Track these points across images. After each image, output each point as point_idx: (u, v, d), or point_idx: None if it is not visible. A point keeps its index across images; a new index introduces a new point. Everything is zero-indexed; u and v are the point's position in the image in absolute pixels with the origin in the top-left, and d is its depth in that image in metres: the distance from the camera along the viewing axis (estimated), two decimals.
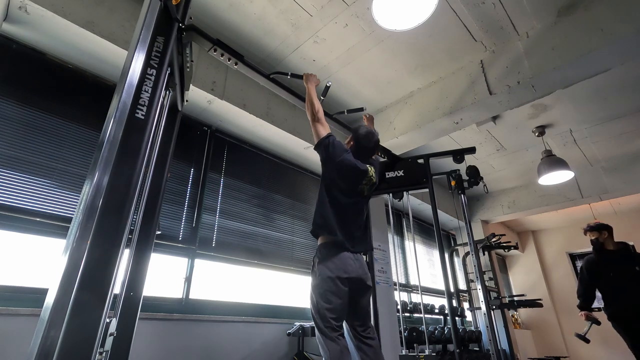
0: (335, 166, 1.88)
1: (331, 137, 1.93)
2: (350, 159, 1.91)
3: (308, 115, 2.04)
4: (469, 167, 3.33)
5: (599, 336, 6.17)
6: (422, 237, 5.61)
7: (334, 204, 1.85)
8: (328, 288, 1.70)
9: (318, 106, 2.03)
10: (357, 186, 1.90)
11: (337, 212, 1.84)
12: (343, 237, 1.79)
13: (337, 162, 1.87)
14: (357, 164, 1.90)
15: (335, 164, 1.88)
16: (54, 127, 2.21)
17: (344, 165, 1.88)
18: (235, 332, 2.60)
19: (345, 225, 1.83)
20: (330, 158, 1.89)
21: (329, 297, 1.70)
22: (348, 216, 1.86)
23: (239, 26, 2.70)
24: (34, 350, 0.78)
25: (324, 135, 1.94)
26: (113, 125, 1.02)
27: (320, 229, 1.85)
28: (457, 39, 2.85)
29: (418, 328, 3.69)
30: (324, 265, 1.74)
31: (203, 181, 2.92)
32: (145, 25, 1.20)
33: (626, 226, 6.41)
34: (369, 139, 2.00)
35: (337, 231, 1.79)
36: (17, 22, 2.07)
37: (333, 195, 1.87)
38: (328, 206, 1.85)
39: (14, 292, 1.84)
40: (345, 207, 1.86)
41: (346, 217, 1.85)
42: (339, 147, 1.92)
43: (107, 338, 1.01)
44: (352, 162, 1.89)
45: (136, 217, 1.47)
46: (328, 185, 1.90)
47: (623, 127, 4.05)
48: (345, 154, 1.92)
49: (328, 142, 1.91)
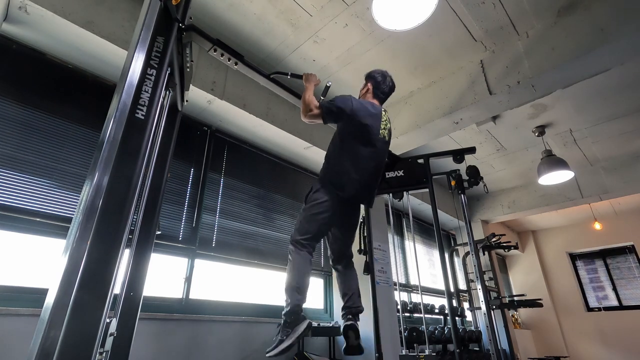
0: (347, 114, 1.86)
1: (325, 102, 1.93)
2: (362, 102, 1.92)
3: (302, 112, 1.98)
4: (469, 167, 3.33)
5: (599, 336, 6.19)
6: (422, 237, 5.61)
7: (349, 156, 1.87)
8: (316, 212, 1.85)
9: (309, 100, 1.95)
10: (377, 131, 1.91)
11: (351, 164, 1.85)
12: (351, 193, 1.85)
13: (348, 109, 1.86)
14: (369, 106, 1.91)
15: (347, 112, 1.86)
16: (54, 127, 2.21)
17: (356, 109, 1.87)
18: (235, 332, 2.60)
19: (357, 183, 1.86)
20: (343, 109, 1.87)
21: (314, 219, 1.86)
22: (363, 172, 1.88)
23: (239, 26, 2.70)
24: (34, 350, 0.78)
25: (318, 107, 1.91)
26: (113, 126, 1.02)
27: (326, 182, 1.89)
28: (457, 39, 2.85)
29: (418, 328, 3.69)
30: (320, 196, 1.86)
31: (203, 181, 2.92)
32: (145, 25, 1.20)
33: (626, 226, 6.42)
34: (385, 76, 2.08)
35: (348, 189, 1.84)
36: (17, 22, 2.07)
37: (347, 146, 1.88)
38: (342, 158, 1.87)
39: (14, 292, 1.85)
40: (360, 160, 1.87)
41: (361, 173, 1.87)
42: (340, 100, 1.91)
43: (107, 338, 1.01)
44: (361, 104, 1.90)
45: (136, 217, 1.47)
46: (340, 136, 1.91)
47: (623, 127, 4.05)
48: (352, 100, 1.90)
49: (329, 106, 1.90)
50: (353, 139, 1.89)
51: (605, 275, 6.59)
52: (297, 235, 1.89)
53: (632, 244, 6.35)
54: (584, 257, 6.93)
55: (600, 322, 6.26)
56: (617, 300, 6.34)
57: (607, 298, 6.47)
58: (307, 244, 1.86)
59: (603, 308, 6.42)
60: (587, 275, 6.81)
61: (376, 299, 2.88)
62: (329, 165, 1.94)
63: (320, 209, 1.86)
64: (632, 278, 6.32)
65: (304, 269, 1.82)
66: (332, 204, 1.85)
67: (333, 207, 1.86)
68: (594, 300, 6.59)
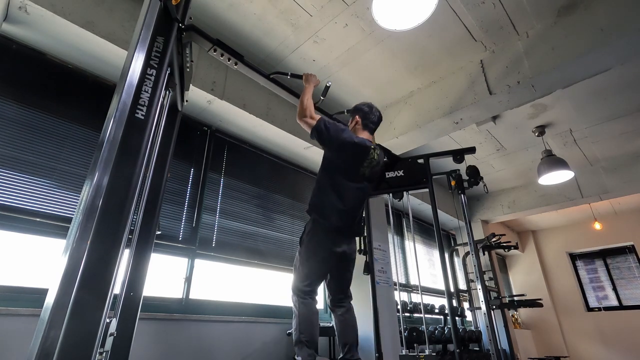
0: (338, 143, 1.86)
1: (322, 120, 1.91)
2: (352, 135, 1.91)
3: (298, 114, 1.98)
4: (469, 167, 3.33)
5: (599, 336, 6.19)
6: (422, 237, 5.61)
7: (333, 186, 1.86)
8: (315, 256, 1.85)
9: (307, 105, 1.96)
10: (358, 167, 1.89)
11: (337, 196, 1.85)
12: (337, 224, 1.85)
13: (340, 138, 1.86)
14: (356, 139, 1.89)
15: (337, 140, 1.86)
16: (54, 127, 2.21)
17: (346, 141, 1.87)
18: (235, 332, 2.60)
19: (342, 213, 1.85)
20: (328, 137, 1.87)
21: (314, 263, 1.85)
22: (346, 203, 1.86)
23: (239, 26, 2.70)
24: (34, 350, 0.78)
25: (317, 119, 1.91)
26: (113, 125, 1.02)
27: (314, 210, 1.90)
28: (457, 39, 2.85)
29: (418, 328, 3.69)
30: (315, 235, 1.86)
31: (203, 181, 2.92)
32: (145, 25, 1.20)
33: (626, 226, 6.42)
34: (372, 108, 2.07)
35: (332, 219, 1.84)
36: (17, 22, 2.07)
37: (333, 177, 1.87)
38: (328, 189, 1.86)
39: (14, 292, 1.84)
40: (344, 190, 1.86)
41: (344, 204, 1.86)
42: (333, 127, 1.89)
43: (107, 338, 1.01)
44: (353, 139, 1.89)
45: (136, 217, 1.47)
46: (327, 168, 1.90)
47: (623, 127, 4.05)
48: (343, 132, 1.89)
49: (321, 124, 1.89)
50: (336, 171, 1.89)
51: (605, 275, 6.59)
52: (299, 283, 1.88)
53: (632, 244, 6.35)
54: (584, 257, 6.93)
55: (600, 322, 6.26)
56: (617, 300, 6.34)
57: (607, 298, 6.46)
58: (309, 290, 1.87)
59: (603, 308, 6.42)
60: (587, 275, 6.81)
61: (376, 299, 2.88)
62: (315, 195, 1.95)
63: (315, 248, 1.86)
64: (632, 278, 6.31)
65: (312, 321, 1.82)
66: (326, 240, 1.86)
67: (327, 242, 1.86)
68: (594, 300, 6.59)
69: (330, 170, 1.88)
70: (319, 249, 1.86)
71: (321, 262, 1.88)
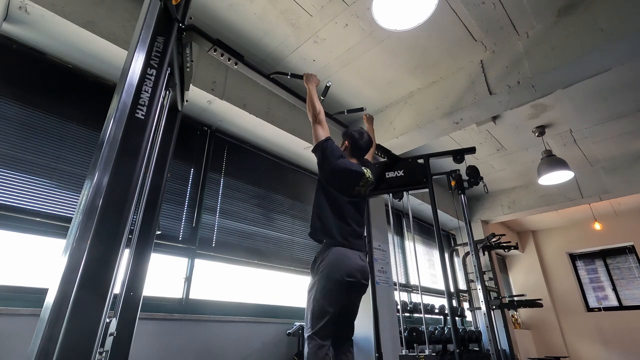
0: (331, 170, 1.87)
1: (329, 142, 1.93)
2: (346, 162, 1.91)
3: (309, 116, 2.05)
4: (469, 167, 3.33)
5: (599, 336, 6.19)
6: (422, 237, 5.61)
7: (332, 204, 1.84)
8: (333, 289, 1.65)
9: (319, 108, 2.03)
10: (354, 188, 1.90)
11: (336, 212, 1.83)
12: (343, 238, 1.77)
13: (333, 166, 1.87)
14: (352, 167, 1.91)
15: (331, 167, 1.87)
16: (54, 127, 2.21)
17: (340, 169, 1.87)
18: (235, 332, 2.60)
19: (346, 224, 1.82)
20: (328, 161, 1.88)
21: (332, 298, 1.64)
22: (346, 215, 1.84)
23: (239, 26, 2.70)
24: (34, 350, 0.78)
25: (323, 138, 1.93)
26: (113, 125, 1.02)
27: (318, 232, 1.83)
28: (457, 39, 2.85)
29: (418, 328, 3.69)
30: (330, 265, 1.68)
31: (203, 181, 2.92)
32: (145, 25, 1.20)
33: (626, 226, 6.42)
34: (362, 134, 2.05)
35: (336, 233, 1.77)
36: (17, 22, 2.07)
37: (330, 195, 1.86)
38: (326, 208, 1.84)
39: (14, 292, 1.85)
40: (343, 207, 1.85)
41: (345, 216, 1.83)
42: (336, 151, 1.92)
43: (107, 338, 1.01)
44: (347, 166, 1.89)
45: (136, 217, 1.47)
46: (324, 187, 1.90)
47: (623, 127, 4.05)
48: (341, 158, 1.92)
49: (326, 146, 1.91)
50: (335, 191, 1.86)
51: (605, 276, 6.59)
52: (315, 322, 1.63)
53: (632, 244, 6.35)
54: (584, 257, 6.93)
55: (600, 322, 6.26)
56: (617, 300, 6.34)
57: (607, 298, 6.46)
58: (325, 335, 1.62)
59: (603, 308, 6.42)
60: (587, 276, 6.81)
61: (376, 299, 2.88)
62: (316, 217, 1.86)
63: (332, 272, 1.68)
64: (632, 278, 6.31)
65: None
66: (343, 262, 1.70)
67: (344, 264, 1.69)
68: (594, 300, 6.59)
69: (328, 191, 1.87)
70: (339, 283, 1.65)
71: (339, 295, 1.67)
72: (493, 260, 5.33)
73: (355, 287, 1.74)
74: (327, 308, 1.63)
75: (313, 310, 1.65)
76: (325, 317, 1.62)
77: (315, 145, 1.94)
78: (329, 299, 1.65)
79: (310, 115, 2.03)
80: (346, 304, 1.73)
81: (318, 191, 1.92)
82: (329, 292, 1.65)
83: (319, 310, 1.63)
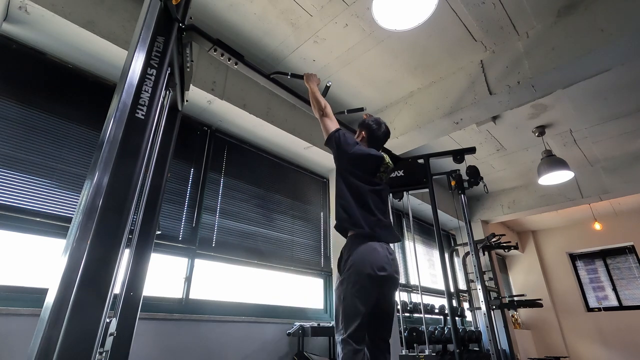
0: (350, 157, 1.82)
1: (340, 131, 1.89)
2: (363, 148, 1.88)
3: (316, 114, 2.02)
4: (469, 167, 3.34)
5: (599, 336, 6.19)
6: (422, 237, 5.61)
7: (355, 194, 1.77)
8: (363, 285, 1.51)
9: (324, 102, 2.01)
10: (375, 173, 1.84)
11: (360, 201, 1.74)
12: (370, 228, 1.66)
13: (351, 153, 1.82)
14: (370, 151, 1.87)
15: (349, 155, 1.82)
16: (54, 127, 2.21)
17: (359, 155, 1.83)
18: (235, 332, 2.60)
19: (371, 214, 1.72)
20: (344, 150, 1.83)
21: (364, 295, 1.50)
22: (371, 204, 1.75)
23: (239, 26, 2.70)
24: (34, 350, 0.78)
25: (333, 129, 1.90)
26: (113, 125, 1.02)
27: (345, 223, 1.73)
28: (457, 39, 2.85)
29: (418, 328, 3.69)
30: (360, 259, 1.56)
31: (203, 181, 2.92)
32: (146, 25, 1.20)
33: (626, 226, 6.42)
34: (380, 125, 1.99)
35: (363, 223, 1.66)
36: (17, 22, 2.07)
37: (352, 185, 1.79)
38: (349, 198, 1.75)
39: (14, 292, 1.85)
40: (366, 196, 1.76)
41: (370, 205, 1.74)
42: (350, 139, 1.88)
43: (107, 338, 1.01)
44: (365, 151, 1.86)
45: (136, 217, 1.47)
46: (345, 177, 1.83)
47: (623, 127, 4.05)
48: (357, 145, 1.88)
49: (338, 136, 1.87)
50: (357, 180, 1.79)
51: (605, 276, 6.59)
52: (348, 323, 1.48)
53: (632, 244, 6.35)
54: (584, 257, 6.93)
55: (600, 322, 6.26)
56: (617, 300, 6.34)
57: (607, 298, 6.46)
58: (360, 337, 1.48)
59: (603, 308, 6.42)
60: (587, 276, 6.81)
61: None
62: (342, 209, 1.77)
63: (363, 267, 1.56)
64: (632, 278, 6.31)
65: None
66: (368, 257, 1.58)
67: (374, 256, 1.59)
68: (594, 301, 6.59)
69: (350, 181, 1.81)
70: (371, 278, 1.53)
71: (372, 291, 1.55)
72: (493, 260, 5.33)
73: (387, 281, 1.60)
74: (359, 306, 1.50)
75: (344, 309, 1.52)
76: (358, 317, 1.48)
77: (328, 138, 1.90)
78: (361, 296, 1.51)
79: (317, 111, 2.00)
80: (380, 301, 1.59)
81: (339, 182, 1.84)
82: (360, 289, 1.52)
83: (351, 309, 1.50)
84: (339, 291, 1.58)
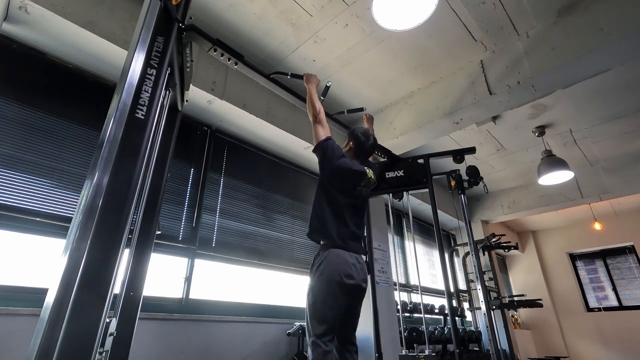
0: (333, 169, 1.86)
1: (330, 141, 1.91)
2: (347, 162, 1.90)
3: (309, 116, 2.04)
4: (469, 167, 3.34)
5: (599, 336, 6.19)
6: (422, 237, 5.61)
7: (332, 204, 1.83)
8: (332, 292, 1.63)
9: (319, 107, 2.02)
10: (355, 188, 1.88)
11: (335, 213, 1.81)
12: (341, 239, 1.75)
13: (335, 165, 1.85)
14: (353, 166, 1.89)
15: (332, 167, 1.86)
16: (54, 127, 2.21)
17: (341, 168, 1.86)
18: (235, 332, 2.60)
19: (345, 226, 1.80)
20: (328, 161, 1.87)
21: (332, 301, 1.62)
22: (346, 216, 1.83)
23: (239, 26, 2.70)
24: (34, 350, 0.78)
25: (323, 138, 1.92)
26: (113, 125, 1.02)
27: (316, 233, 1.82)
28: (457, 39, 2.85)
29: (418, 328, 3.69)
30: (330, 267, 1.66)
31: (203, 181, 2.92)
32: (145, 25, 1.20)
33: (626, 226, 6.42)
34: (368, 137, 2.02)
35: (335, 234, 1.75)
36: (17, 22, 2.07)
37: (331, 195, 1.85)
38: (326, 207, 1.82)
39: (14, 292, 1.85)
40: (343, 208, 1.83)
41: (345, 217, 1.82)
42: (337, 150, 1.91)
43: (107, 338, 1.01)
44: (348, 165, 1.88)
45: (136, 217, 1.47)
46: (325, 187, 1.88)
47: (623, 127, 4.05)
48: (343, 158, 1.90)
49: (326, 145, 1.89)
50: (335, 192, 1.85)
51: (605, 276, 6.59)
52: (317, 327, 1.59)
53: (632, 244, 6.35)
54: (584, 257, 6.93)
55: (600, 322, 6.26)
56: (617, 300, 6.34)
57: (607, 298, 6.46)
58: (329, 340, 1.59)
59: (603, 308, 6.42)
60: (587, 276, 6.81)
61: (376, 299, 2.88)
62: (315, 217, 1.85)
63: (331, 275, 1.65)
64: (632, 278, 6.31)
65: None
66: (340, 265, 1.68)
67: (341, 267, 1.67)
68: (594, 301, 6.59)
69: (329, 192, 1.86)
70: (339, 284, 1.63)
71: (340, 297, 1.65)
72: (493, 260, 5.33)
73: (355, 290, 1.73)
74: (326, 311, 1.61)
75: (313, 313, 1.63)
76: (326, 321, 1.60)
77: (316, 145, 1.93)
78: (329, 302, 1.63)
79: (311, 115, 2.02)
80: (346, 307, 1.71)
81: (318, 191, 1.91)
82: (328, 295, 1.63)
83: (320, 313, 1.61)
84: (310, 297, 1.68)
